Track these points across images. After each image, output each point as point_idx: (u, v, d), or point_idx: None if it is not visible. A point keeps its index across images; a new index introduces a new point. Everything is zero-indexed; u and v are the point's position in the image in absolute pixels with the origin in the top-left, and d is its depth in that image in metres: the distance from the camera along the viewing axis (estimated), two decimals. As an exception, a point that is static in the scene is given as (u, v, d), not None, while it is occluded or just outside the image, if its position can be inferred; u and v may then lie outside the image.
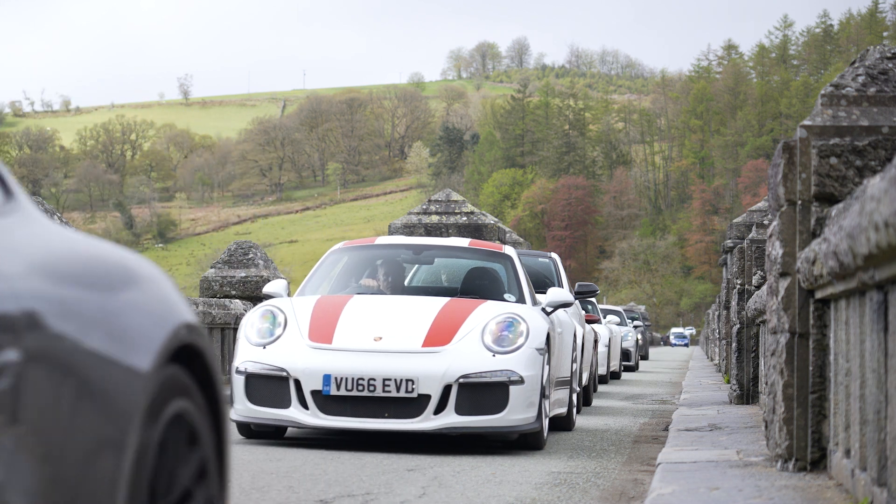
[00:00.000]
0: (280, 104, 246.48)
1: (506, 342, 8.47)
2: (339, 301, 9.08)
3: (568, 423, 10.85)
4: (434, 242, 10.37)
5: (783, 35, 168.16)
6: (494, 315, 8.72)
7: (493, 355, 8.38)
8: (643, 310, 79.42)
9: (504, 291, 9.83)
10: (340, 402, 8.23)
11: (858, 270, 4.28)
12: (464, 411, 8.22)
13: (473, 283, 9.90)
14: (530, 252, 16.38)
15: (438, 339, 8.48)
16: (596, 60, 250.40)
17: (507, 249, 10.23)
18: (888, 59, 6.23)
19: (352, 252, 10.31)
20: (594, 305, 25.19)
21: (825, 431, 5.88)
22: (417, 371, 8.23)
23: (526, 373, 8.40)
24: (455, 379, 8.24)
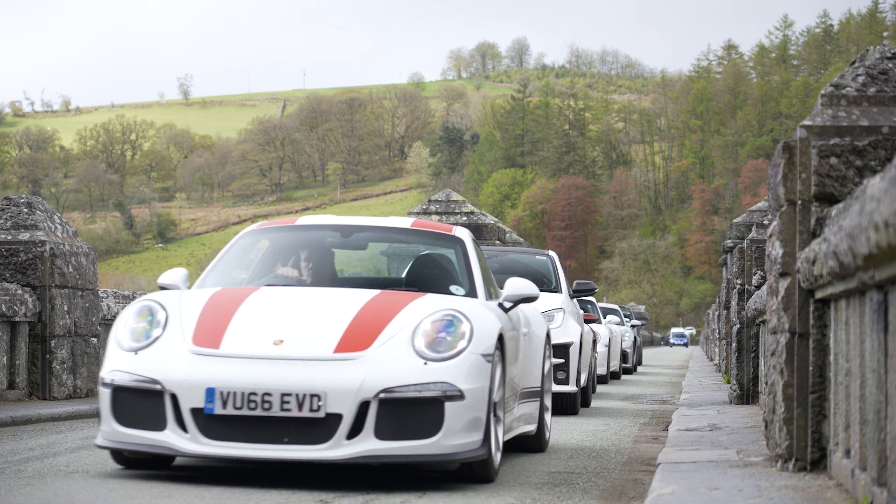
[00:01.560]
0: (280, 104, 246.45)
1: (442, 346, 6.60)
2: (240, 295, 7.21)
3: (538, 443, 8.85)
4: (367, 223, 8.45)
5: (783, 35, 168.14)
6: (430, 312, 6.84)
7: (426, 363, 6.50)
8: (643, 310, 79.44)
9: (452, 283, 7.98)
10: (228, 424, 6.36)
11: (858, 270, 4.28)
12: (386, 435, 6.33)
13: (421, 273, 8.11)
14: (527, 250, 15.90)
15: (356, 342, 6.60)
16: (596, 60, 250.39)
17: (457, 231, 8.38)
18: (888, 59, 6.23)
19: (269, 235, 8.45)
20: (594, 305, 25.04)
21: (825, 431, 5.88)
22: (326, 383, 6.36)
23: (467, 385, 6.48)
24: (374, 394, 6.33)
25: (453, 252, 8.24)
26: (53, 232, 13.23)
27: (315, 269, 8.07)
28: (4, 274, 12.80)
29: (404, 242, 8.73)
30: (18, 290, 12.53)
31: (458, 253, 8.21)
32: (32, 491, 6.06)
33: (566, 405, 13.19)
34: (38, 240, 12.85)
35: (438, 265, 8.13)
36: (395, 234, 8.56)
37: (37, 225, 13.05)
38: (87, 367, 13.55)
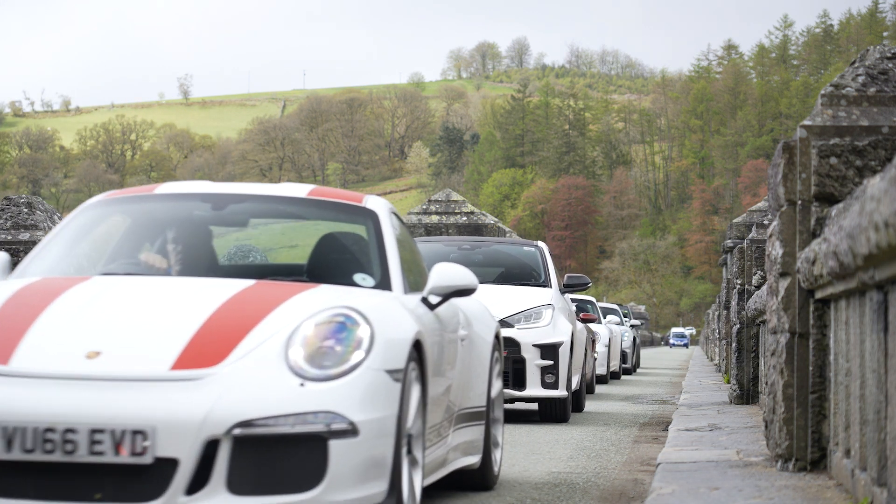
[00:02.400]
0: (280, 104, 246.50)
1: (330, 359, 4.68)
2: (57, 288, 5.22)
3: (482, 479, 6.79)
4: (247, 190, 6.30)
5: (783, 35, 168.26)
6: (315, 311, 4.85)
7: (303, 384, 4.57)
8: (643, 310, 79.41)
9: (359, 270, 5.86)
10: (14, 475, 4.43)
11: (858, 270, 4.28)
12: (243, 488, 4.48)
13: (324, 258, 6.05)
14: (514, 241, 14.61)
15: (205, 354, 4.66)
16: (596, 60, 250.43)
17: (370, 202, 6.22)
18: (888, 59, 6.23)
19: (122, 208, 6.34)
20: (594, 305, 24.83)
21: (825, 431, 5.88)
22: (156, 414, 4.42)
23: (363, 415, 4.58)
24: (227, 429, 4.43)
25: (364, 229, 6.10)
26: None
27: (185, 254, 5.98)
28: (4, 274, 12.80)
29: (299, 217, 6.45)
30: (18, 290, 12.53)
31: (370, 230, 6.03)
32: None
33: (555, 412, 12.04)
34: (39, 240, 12.85)
35: (342, 248, 6.07)
36: (286, 205, 6.26)
37: (37, 225, 13.05)
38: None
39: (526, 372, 11.71)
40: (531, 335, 11.82)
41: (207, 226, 6.15)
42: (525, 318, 11.94)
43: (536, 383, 11.73)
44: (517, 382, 11.72)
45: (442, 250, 13.41)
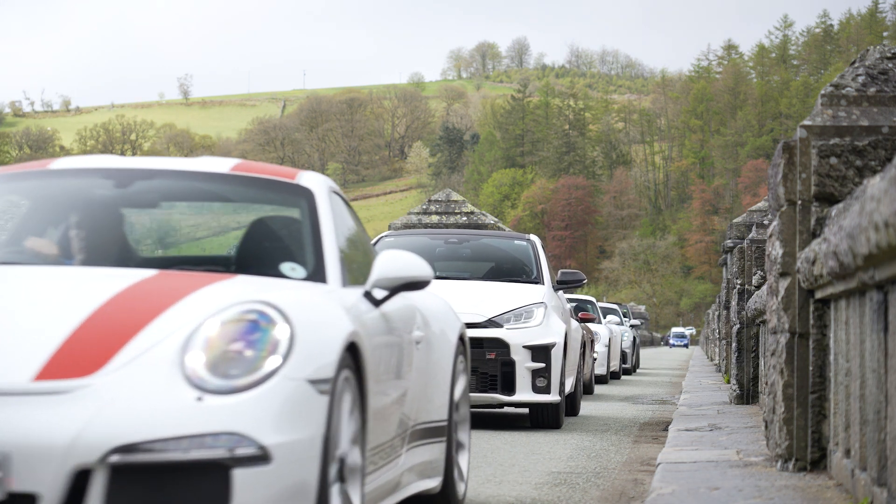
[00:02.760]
0: (280, 104, 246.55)
1: (238, 367, 3.78)
2: None
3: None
4: (157, 165, 5.24)
5: (783, 35, 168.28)
6: (222, 307, 3.94)
7: (201, 397, 3.68)
8: (643, 310, 79.37)
9: (288, 258, 4.90)
10: None
11: (858, 270, 4.28)
12: None
13: (253, 245, 5.07)
14: (504, 234, 13.56)
15: (77, 361, 3.74)
16: (596, 60, 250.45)
17: (305, 179, 5.17)
18: (888, 59, 6.23)
19: (14, 186, 5.25)
20: (594, 305, 24.73)
21: (825, 431, 5.88)
22: (8, 437, 3.55)
23: (277, 437, 3.69)
24: (101, 455, 3.55)
25: (298, 211, 5.08)
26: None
27: (87, 240, 4.99)
28: (4, 274, 12.79)
29: (222, 199, 5.37)
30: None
31: (304, 212, 5.04)
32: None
33: (547, 417, 11.19)
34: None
35: (272, 234, 5.13)
36: (204, 182, 5.20)
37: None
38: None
39: (516, 375, 10.82)
40: (521, 336, 10.95)
41: (117, 207, 5.11)
42: (515, 317, 11.11)
43: (527, 387, 10.83)
44: (506, 386, 10.80)
45: (427, 244, 12.71)
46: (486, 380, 10.77)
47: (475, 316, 10.85)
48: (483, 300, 11.15)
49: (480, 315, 10.92)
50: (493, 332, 10.89)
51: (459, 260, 12.75)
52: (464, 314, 10.43)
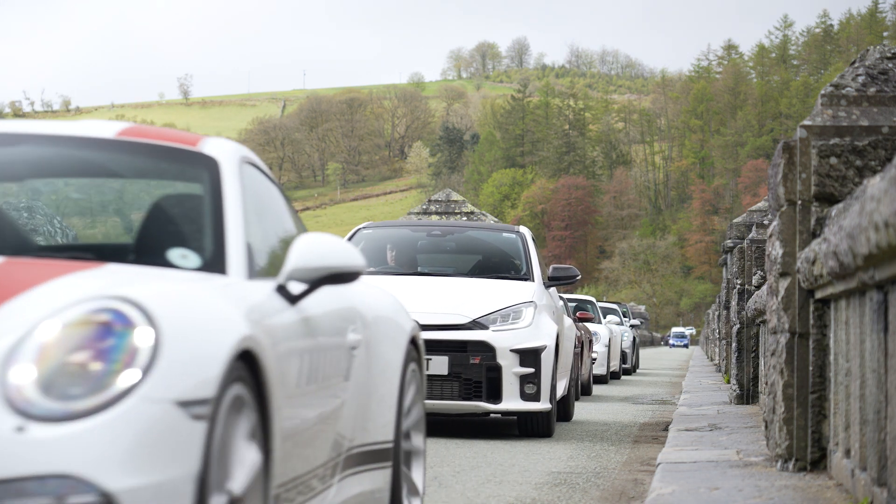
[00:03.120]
0: (280, 104, 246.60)
1: (79, 385, 2.82)
2: None
3: None
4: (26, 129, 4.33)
5: (783, 35, 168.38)
6: (66, 305, 2.98)
7: (22, 427, 2.73)
8: (643, 310, 79.33)
9: (181, 243, 4.00)
10: None
11: (858, 270, 4.28)
12: None
13: (145, 227, 4.18)
14: (491, 226, 12.40)
15: None
16: (596, 60, 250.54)
17: (209, 147, 4.22)
18: (888, 59, 6.23)
19: None
20: (594, 305, 24.58)
21: (825, 431, 5.88)
22: None
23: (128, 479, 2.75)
24: None
25: (198, 186, 4.10)
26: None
27: None
28: (4, 274, 12.79)
29: (107, 172, 4.38)
30: (18, 290, 12.53)
31: (206, 186, 4.05)
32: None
33: (537, 426, 10.21)
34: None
35: (162, 213, 4.17)
36: (84, 150, 4.22)
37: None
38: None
39: (502, 381, 9.79)
40: (508, 338, 9.89)
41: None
42: (502, 317, 10.05)
43: (515, 394, 9.82)
44: (492, 394, 9.78)
45: (408, 237, 11.80)
46: (469, 387, 9.78)
47: (458, 317, 9.95)
48: (467, 299, 10.19)
49: (464, 315, 9.97)
50: (477, 334, 9.86)
51: (443, 253, 11.85)
52: (445, 314, 9.90)
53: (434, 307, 9.95)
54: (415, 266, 11.44)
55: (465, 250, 11.77)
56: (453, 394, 9.57)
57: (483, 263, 11.48)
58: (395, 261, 11.50)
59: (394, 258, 11.51)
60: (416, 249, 11.69)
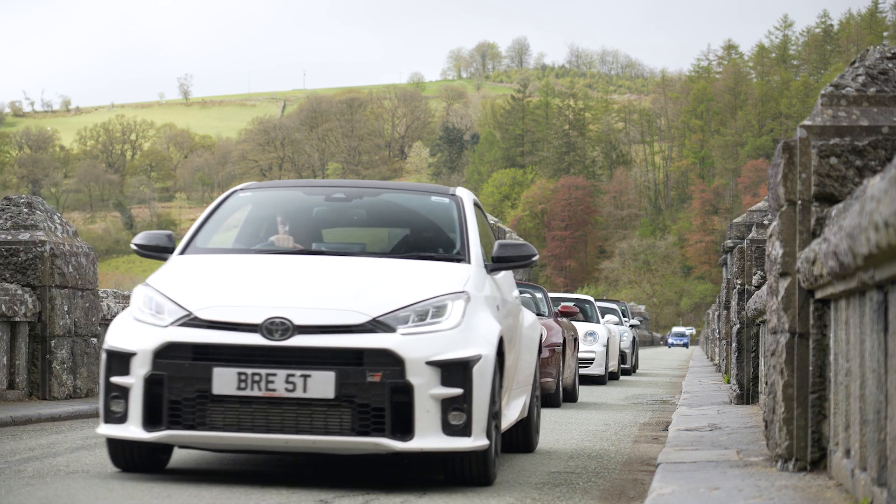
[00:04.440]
0: (280, 104, 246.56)
1: None
2: None
3: None
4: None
5: (783, 35, 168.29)
6: None
7: None
8: (643, 309, 79.28)
9: None
10: None
11: (858, 270, 4.28)
12: None
13: None
14: (416, 186, 8.95)
15: None
16: (596, 60, 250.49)
17: None
18: (888, 59, 6.23)
19: None
20: (592, 304, 24.03)
21: (825, 431, 5.88)
22: None
23: None
24: None
25: None
26: (53, 232, 13.23)
27: None
28: (4, 274, 12.81)
29: None
30: (18, 291, 12.54)
31: None
32: (32, 491, 6.07)
33: (467, 471, 6.84)
34: (38, 240, 12.85)
35: None
36: None
37: (37, 225, 13.05)
38: (87, 367, 13.56)
39: (415, 408, 6.49)
40: (425, 345, 6.62)
41: None
42: (417, 315, 6.80)
43: (433, 427, 6.52)
44: (400, 426, 6.50)
45: (300, 202, 8.42)
46: (366, 416, 6.43)
47: (350, 314, 6.62)
48: (366, 289, 6.90)
49: (360, 312, 6.65)
50: (378, 339, 6.55)
51: (346, 224, 8.58)
52: (332, 311, 6.61)
53: (316, 300, 6.71)
54: (309, 242, 8.02)
55: (379, 220, 8.70)
56: (342, 426, 6.36)
57: (402, 237, 8.35)
58: (294, 236, 8.10)
59: (288, 233, 8.10)
60: (311, 220, 8.33)
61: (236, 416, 6.24)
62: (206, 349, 6.32)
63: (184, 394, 6.27)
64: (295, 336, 6.36)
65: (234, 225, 8.03)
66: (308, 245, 7.85)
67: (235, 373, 6.23)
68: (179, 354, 6.33)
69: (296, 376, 6.25)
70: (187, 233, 7.69)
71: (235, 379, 6.22)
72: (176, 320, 6.46)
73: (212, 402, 6.25)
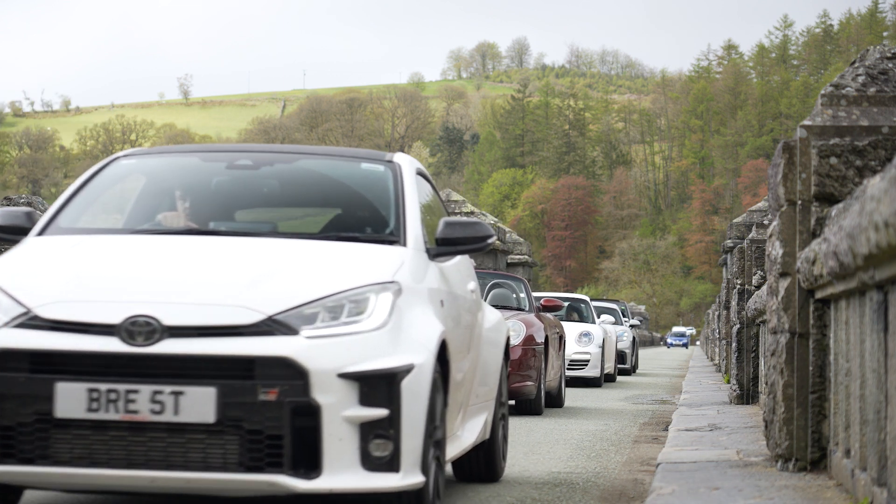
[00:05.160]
0: (280, 104, 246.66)
1: None
2: None
3: None
4: None
5: (783, 35, 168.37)
6: None
7: None
8: (643, 310, 79.24)
9: None
10: None
11: (858, 270, 4.28)
12: None
13: None
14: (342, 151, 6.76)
15: None
16: (596, 60, 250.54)
17: None
18: (888, 59, 6.23)
19: None
20: (587, 303, 23.53)
21: (825, 431, 5.88)
22: None
23: None
24: None
25: None
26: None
27: None
28: (4, 274, 12.80)
29: None
30: (18, 290, 12.54)
31: None
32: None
33: None
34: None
35: None
36: None
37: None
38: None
39: (322, 436, 4.86)
40: (337, 351, 4.96)
41: None
42: (328, 312, 5.08)
43: (349, 460, 4.91)
44: (303, 460, 4.88)
45: (198, 171, 6.54)
46: (258, 447, 4.83)
47: (238, 311, 4.96)
48: (262, 278, 5.18)
49: (250, 308, 4.99)
50: (275, 344, 4.90)
51: (255, 200, 6.59)
52: (214, 307, 4.95)
53: (195, 294, 5.02)
54: (206, 221, 6.19)
55: (294, 192, 6.63)
56: (226, 460, 4.78)
57: (322, 214, 6.61)
58: (189, 214, 6.25)
59: (188, 210, 6.27)
60: (211, 192, 6.47)
61: (87, 447, 4.68)
62: (46, 358, 4.73)
63: (18, 417, 4.69)
64: (164, 340, 4.75)
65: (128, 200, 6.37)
66: (205, 225, 6.05)
67: (85, 389, 4.66)
68: (12, 365, 4.73)
69: (165, 394, 4.66)
70: (49, 208, 5.96)
71: (85, 397, 4.65)
72: (10, 320, 4.82)
73: (55, 427, 4.68)
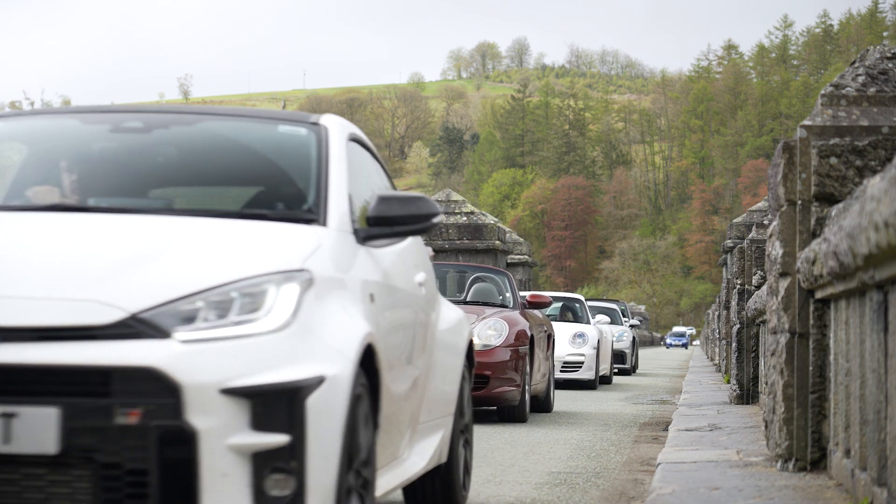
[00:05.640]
0: (280, 104, 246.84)
1: None
2: None
3: None
4: None
5: (783, 35, 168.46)
6: None
7: None
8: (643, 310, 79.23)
9: None
10: None
11: (858, 270, 4.28)
12: None
13: None
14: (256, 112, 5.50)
15: None
16: (596, 60, 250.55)
17: None
18: (888, 59, 6.23)
19: None
20: (582, 304, 22.31)
21: (825, 431, 5.88)
22: None
23: None
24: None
25: None
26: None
27: None
28: (4, 274, 12.78)
29: None
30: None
31: None
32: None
33: None
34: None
35: None
36: None
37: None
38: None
39: (201, 471, 3.56)
40: (219, 360, 3.63)
41: None
42: (212, 308, 3.76)
43: (238, 502, 3.58)
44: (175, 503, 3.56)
45: (78, 135, 5.25)
46: (115, 486, 3.56)
47: (91, 307, 3.66)
48: (127, 265, 3.88)
49: (106, 303, 3.69)
50: (138, 350, 3.61)
51: (149, 172, 5.14)
52: (57, 302, 3.67)
53: (38, 286, 3.74)
54: (86, 195, 4.90)
55: (194, 160, 5.19)
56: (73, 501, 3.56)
57: (226, 187, 5.25)
58: (74, 188, 4.99)
59: (74, 183, 5.01)
60: (93, 161, 5.14)
61: None
62: None
63: None
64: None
65: None
66: (84, 200, 4.78)
67: None
68: None
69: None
70: None
71: None
72: None
73: None
